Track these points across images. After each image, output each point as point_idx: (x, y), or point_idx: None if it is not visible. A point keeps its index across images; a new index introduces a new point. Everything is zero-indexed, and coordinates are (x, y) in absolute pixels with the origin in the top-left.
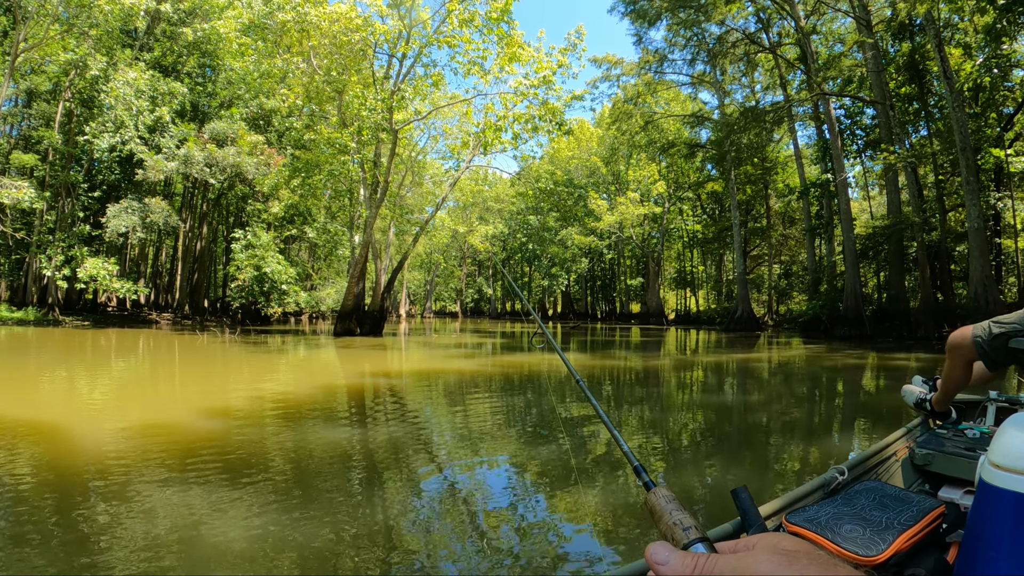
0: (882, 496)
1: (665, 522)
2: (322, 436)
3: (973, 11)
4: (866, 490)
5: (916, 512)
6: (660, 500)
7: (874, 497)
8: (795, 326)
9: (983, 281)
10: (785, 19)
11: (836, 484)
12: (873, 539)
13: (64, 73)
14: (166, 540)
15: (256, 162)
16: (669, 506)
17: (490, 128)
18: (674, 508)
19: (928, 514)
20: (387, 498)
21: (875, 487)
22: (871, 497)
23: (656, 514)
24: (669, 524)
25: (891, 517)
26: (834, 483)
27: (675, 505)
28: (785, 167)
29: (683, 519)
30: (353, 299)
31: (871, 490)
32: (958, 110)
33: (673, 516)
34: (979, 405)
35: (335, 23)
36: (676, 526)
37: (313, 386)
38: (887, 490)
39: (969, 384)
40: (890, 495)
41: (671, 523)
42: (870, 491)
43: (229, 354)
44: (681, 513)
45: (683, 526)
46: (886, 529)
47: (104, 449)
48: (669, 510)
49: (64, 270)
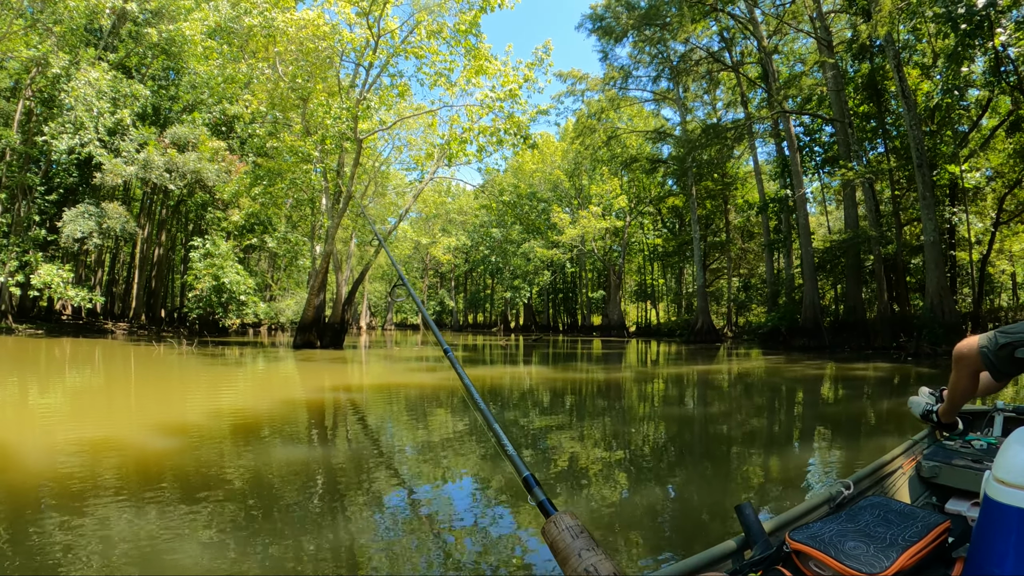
0: (887, 512)
1: (572, 567)
2: (282, 453)
3: (933, 35)
4: (871, 506)
5: (921, 528)
6: (563, 535)
7: (879, 513)
8: (754, 337)
9: (939, 292)
10: (748, 39)
11: (841, 499)
12: (877, 556)
13: (25, 70)
14: (119, 564)
15: (217, 169)
16: (576, 543)
17: (455, 140)
18: (583, 547)
19: (933, 530)
20: (349, 515)
21: (880, 502)
22: (876, 513)
23: (560, 553)
24: (578, 571)
25: (895, 533)
26: (839, 498)
27: (584, 542)
28: (745, 183)
29: (598, 564)
30: (313, 311)
31: (876, 505)
32: (915, 128)
33: (584, 559)
34: (986, 415)
35: (302, 30)
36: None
37: (272, 401)
38: (892, 505)
39: (976, 395)
40: (895, 511)
41: (581, 570)
42: (875, 507)
43: (186, 367)
44: (594, 554)
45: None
46: (890, 546)
47: (54, 466)
48: (577, 549)
49: (18, 276)
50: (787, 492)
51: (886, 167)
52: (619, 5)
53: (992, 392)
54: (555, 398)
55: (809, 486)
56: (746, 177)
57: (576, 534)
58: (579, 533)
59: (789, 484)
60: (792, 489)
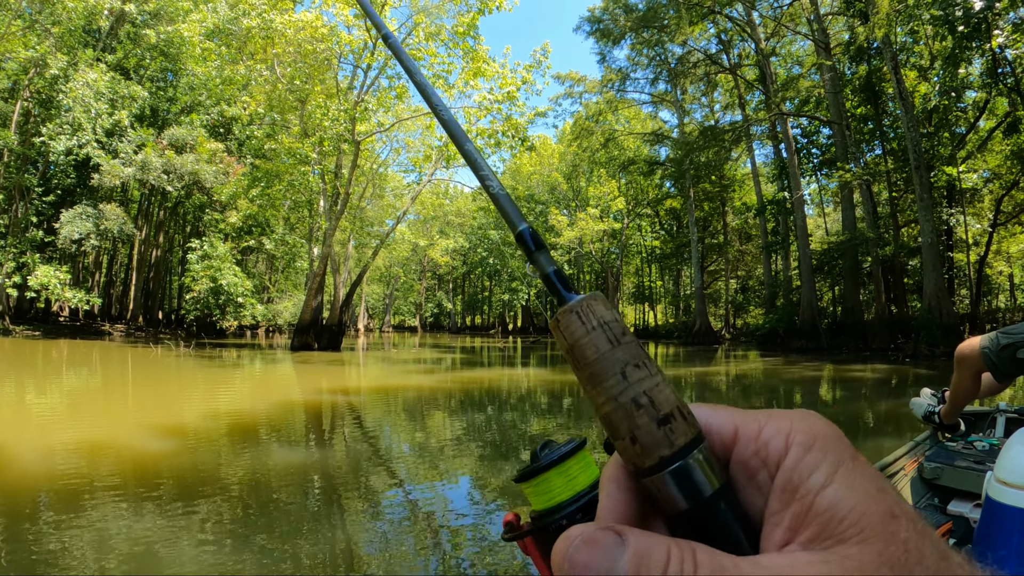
0: None
1: (609, 391)
2: (279, 455)
3: (931, 37)
4: None
5: None
6: (595, 337)
7: None
8: (752, 339)
9: (936, 294)
10: (746, 41)
11: None
12: None
13: (24, 71)
14: (117, 565)
15: (215, 170)
16: (618, 354)
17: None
18: (628, 359)
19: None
20: (347, 517)
21: None
22: None
23: (587, 368)
24: (620, 400)
25: None
26: None
27: (630, 351)
28: (743, 185)
29: (653, 391)
30: (311, 313)
31: None
32: (912, 130)
33: (631, 380)
34: (988, 417)
35: (300, 31)
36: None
37: (270, 403)
38: None
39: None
40: None
41: (626, 400)
42: None
43: (183, 368)
44: (647, 374)
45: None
46: None
47: (52, 467)
48: (618, 364)
49: (15, 277)
50: None
51: (884, 169)
52: (617, 7)
53: (994, 393)
54: (553, 400)
55: None
56: (744, 179)
57: (616, 337)
58: (621, 336)
59: None
60: None
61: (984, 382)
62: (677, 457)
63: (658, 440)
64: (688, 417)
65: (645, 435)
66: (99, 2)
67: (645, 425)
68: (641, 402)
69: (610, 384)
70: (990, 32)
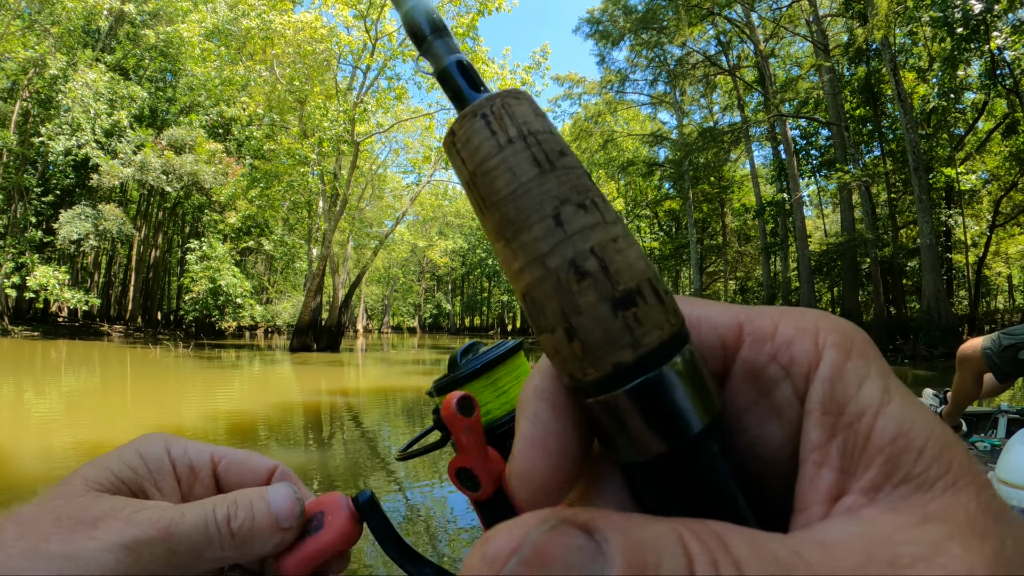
0: None
1: (542, 253)
2: (278, 455)
3: (930, 38)
4: None
5: None
6: (521, 159)
7: None
8: None
9: (935, 295)
10: (745, 42)
11: None
12: None
13: (23, 71)
14: None
15: (214, 171)
16: (549, 182)
17: None
18: (565, 194)
19: None
20: None
21: None
22: None
23: (504, 205)
24: (550, 264)
25: None
26: None
27: (563, 182)
28: (741, 186)
29: (607, 248)
30: (310, 314)
31: None
32: (911, 131)
33: (572, 232)
34: (990, 417)
35: (300, 32)
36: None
37: (268, 404)
38: None
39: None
40: None
41: (560, 262)
42: None
43: (182, 369)
44: (597, 219)
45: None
46: None
47: (50, 468)
48: (552, 197)
49: (14, 278)
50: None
51: (882, 170)
52: (616, 9)
53: (996, 394)
54: None
55: None
56: (742, 180)
57: (549, 156)
58: (556, 156)
59: None
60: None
61: (986, 383)
62: (645, 365)
63: (613, 334)
64: (666, 299)
65: (590, 324)
66: (98, 2)
67: (590, 307)
68: (586, 267)
69: (534, 235)
70: (989, 34)
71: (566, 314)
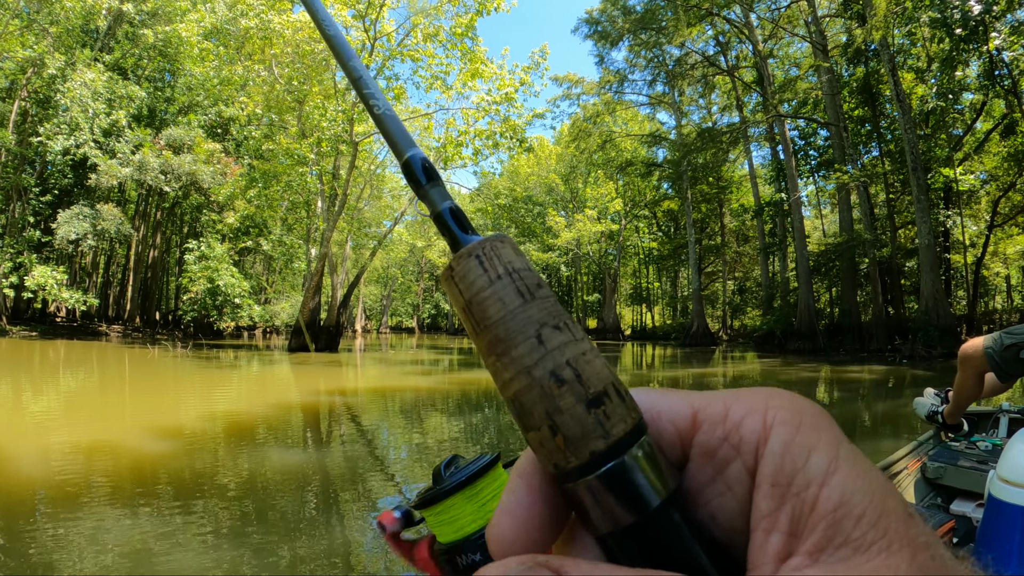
0: None
1: (520, 360)
2: (277, 457)
3: (928, 39)
4: None
5: None
6: (501, 289)
7: None
8: (750, 341)
9: (933, 295)
10: (743, 43)
11: None
12: None
13: (21, 71)
14: (114, 566)
15: (212, 171)
16: (529, 311)
17: (451, 143)
18: (543, 319)
19: (937, 530)
20: (345, 518)
21: None
22: None
23: (490, 332)
24: (534, 374)
25: None
26: None
27: (545, 309)
28: (740, 186)
29: (579, 361)
30: (308, 314)
31: None
32: (910, 132)
33: (550, 345)
34: (991, 416)
35: (298, 32)
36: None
37: (267, 404)
38: None
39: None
40: None
41: (543, 373)
42: None
43: (181, 369)
44: (568, 336)
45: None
46: None
47: (48, 469)
48: (533, 322)
49: (12, 278)
50: None
51: (881, 171)
52: (615, 9)
53: (997, 393)
54: None
55: None
56: (741, 181)
57: (530, 289)
58: (535, 288)
59: None
60: None
61: (987, 382)
62: (615, 452)
63: (588, 429)
64: (627, 398)
65: (569, 421)
66: (97, 2)
67: (569, 408)
68: (563, 376)
69: (521, 352)
70: (987, 34)
71: (550, 414)
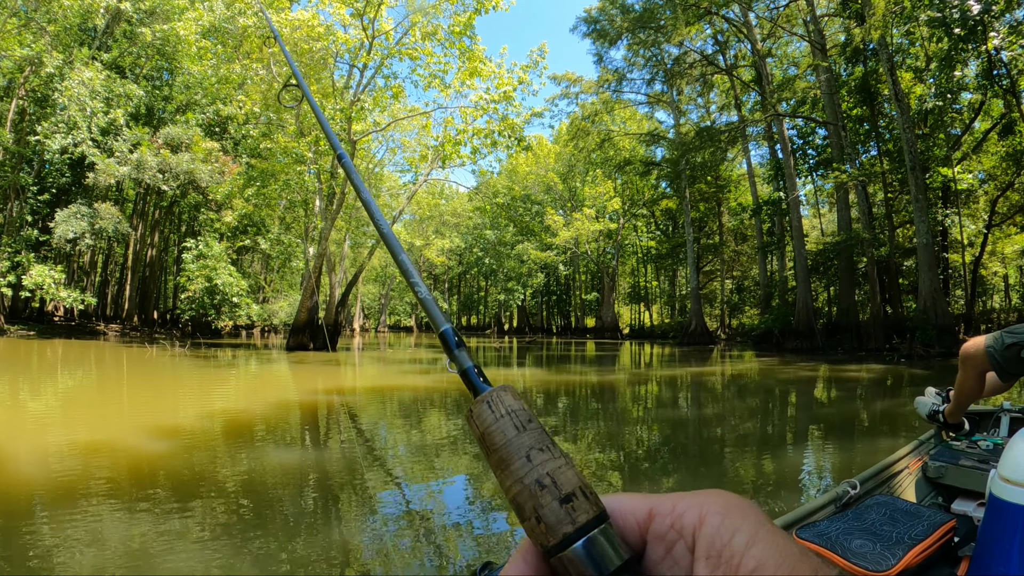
0: (893, 510)
1: (515, 474)
2: (275, 455)
3: (927, 39)
4: (877, 504)
5: (927, 526)
6: (503, 424)
7: (885, 512)
8: (748, 340)
9: (931, 294)
10: (742, 42)
11: (848, 498)
12: (883, 554)
13: (19, 69)
14: (113, 566)
15: (210, 170)
16: (523, 439)
17: (449, 142)
18: (532, 444)
19: (938, 528)
20: (344, 517)
21: (886, 501)
22: (882, 512)
23: (495, 453)
24: (524, 481)
25: (901, 532)
26: (846, 497)
27: (534, 437)
28: (738, 185)
29: (556, 473)
30: (306, 313)
31: (882, 504)
32: (908, 131)
33: (535, 463)
34: (992, 416)
35: (297, 30)
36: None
37: (266, 403)
38: (898, 504)
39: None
40: (901, 509)
41: (530, 481)
42: (881, 505)
43: (179, 368)
44: (550, 457)
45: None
46: (896, 544)
47: (47, 469)
48: (523, 449)
49: (10, 277)
50: (785, 492)
51: (879, 170)
52: (614, 8)
53: (998, 392)
54: (548, 400)
55: (805, 487)
56: (739, 180)
57: (523, 424)
58: (527, 423)
59: (785, 485)
60: (789, 489)
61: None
62: (580, 533)
63: (561, 518)
64: (591, 496)
65: (549, 513)
66: (95, 0)
67: (548, 504)
68: (544, 483)
69: (516, 467)
70: (986, 34)
71: (535, 509)
